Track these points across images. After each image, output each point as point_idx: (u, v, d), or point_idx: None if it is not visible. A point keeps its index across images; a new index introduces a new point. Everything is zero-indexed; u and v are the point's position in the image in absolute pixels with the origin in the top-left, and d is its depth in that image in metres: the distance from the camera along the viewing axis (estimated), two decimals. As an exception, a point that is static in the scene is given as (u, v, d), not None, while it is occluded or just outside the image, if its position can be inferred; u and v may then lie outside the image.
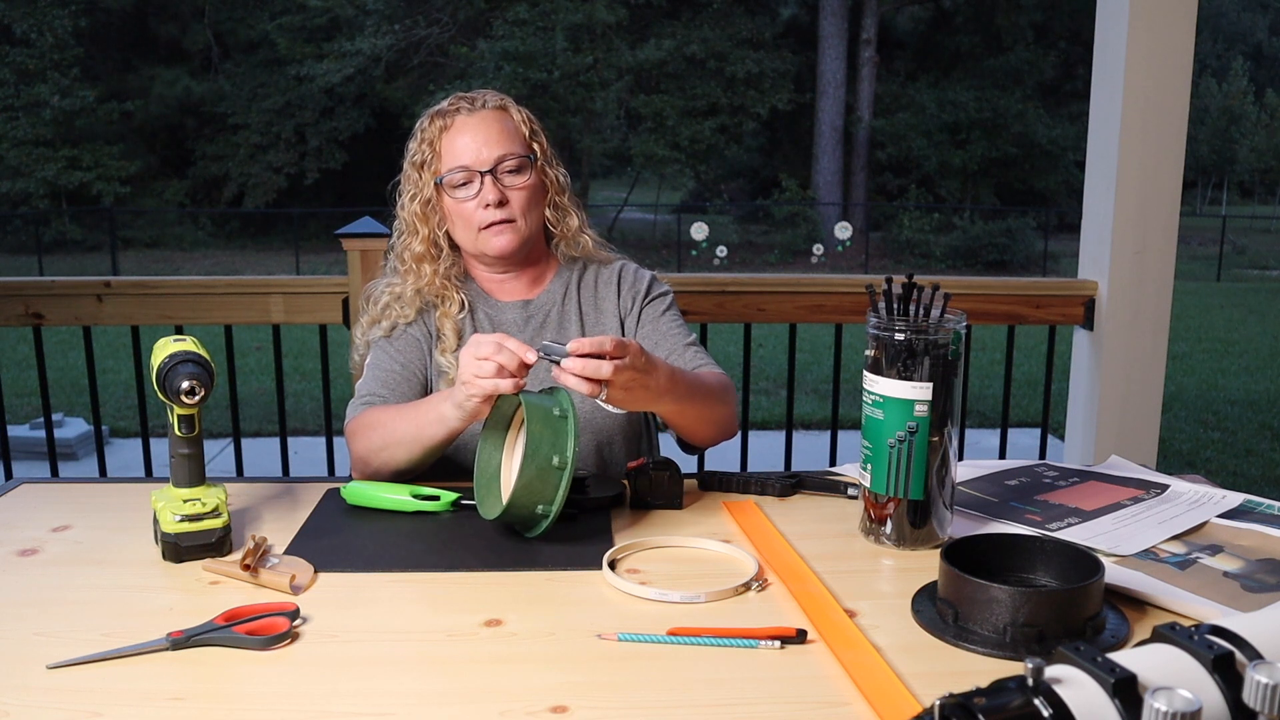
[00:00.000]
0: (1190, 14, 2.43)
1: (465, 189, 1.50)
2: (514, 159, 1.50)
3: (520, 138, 1.53)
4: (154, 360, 1.14)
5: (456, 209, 1.52)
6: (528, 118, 1.56)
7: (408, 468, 1.37)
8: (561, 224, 1.60)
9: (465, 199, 1.50)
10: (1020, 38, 19.91)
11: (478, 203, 1.50)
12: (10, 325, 2.51)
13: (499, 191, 1.49)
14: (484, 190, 1.49)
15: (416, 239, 1.55)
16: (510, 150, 1.50)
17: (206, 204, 19.59)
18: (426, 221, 1.55)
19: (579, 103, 18.25)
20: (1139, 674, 0.61)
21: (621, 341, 1.19)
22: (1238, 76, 26.29)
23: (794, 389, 2.80)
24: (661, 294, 1.64)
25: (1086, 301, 2.59)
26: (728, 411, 1.49)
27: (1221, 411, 6.64)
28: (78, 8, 17.87)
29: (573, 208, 1.61)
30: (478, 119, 1.51)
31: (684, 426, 1.46)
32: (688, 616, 0.99)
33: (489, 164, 1.49)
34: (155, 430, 3.36)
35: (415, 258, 1.56)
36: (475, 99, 1.54)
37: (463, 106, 1.52)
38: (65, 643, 0.93)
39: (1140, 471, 1.42)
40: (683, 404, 1.37)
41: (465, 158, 1.49)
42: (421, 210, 1.54)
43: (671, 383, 1.31)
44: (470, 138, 1.50)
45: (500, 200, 1.49)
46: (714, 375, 1.50)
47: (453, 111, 1.52)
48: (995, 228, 16.97)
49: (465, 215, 1.51)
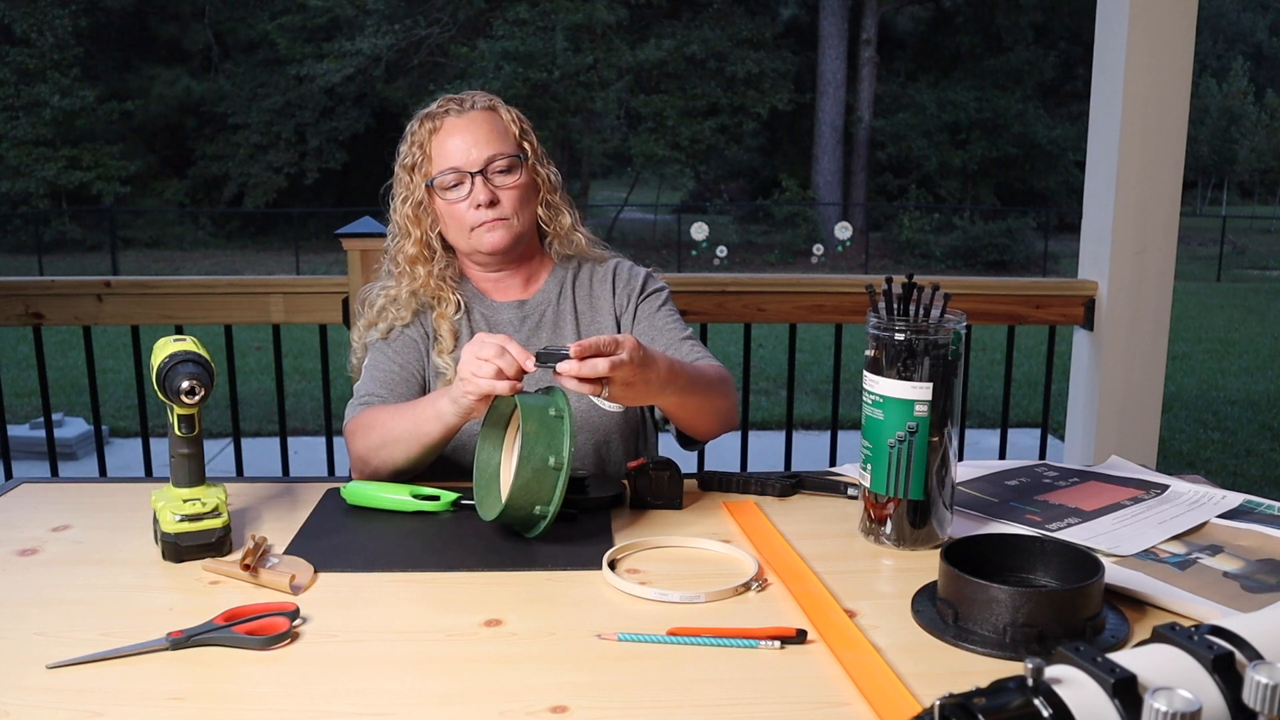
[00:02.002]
0: (1190, 14, 2.43)
1: (456, 190, 1.50)
2: (504, 159, 1.50)
3: (510, 137, 1.53)
4: (154, 360, 1.14)
5: (448, 210, 1.52)
6: (517, 117, 1.56)
7: (406, 466, 1.37)
8: (554, 222, 1.60)
9: (456, 200, 1.51)
10: (1020, 38, 19.91)
11: (469, 203, 1.50)
12: (10, 325, 2.51)
13: (490, 192, 1.49)
14: (475, 191, 1.49)
15: (409, 241, 1.56)
16: (500, 150, 1.50)
17: (206, 204, 19.58)
18: (419, 224, 1.55)
19: (579, 103, 18.26)
20: (1139, 674, 0.61)
21: (616, 338, 1.19)
22: (1238, 76, 26.27)
23: (794, 389, 2.80)
24: (657, 290, 1.64)
25: (1086, 301, 2.59)
26: (728, 403, 1.49)
27: (1221, 411, 6.64)
28: (78, 8, 17.87)
29: (565, 206, 1.61)
30: (467, 120, 1.51)
31: (685, 419, 1.46)
32: (688, 616, 0.99)
33: (479, 164, 1.49)
34: (155, 430, 3.35)
35: (409, 260, 1.56)
36: (464, 100, 1.54)
37: (451, 108, 1.52)
38: (65, 643, 0.93)
39: (1140, 472, 1.42)
40: (683, 396, 1.37)
41: (455, 159, 1.49)
42: (413, 212, 1.55)
43: (671, 374, 1.31)
44: (460, 139, 1.50)
45: (491, 200, 1.49)
46: (713, 367, 1.50)
47: (441, 114, 1.52)
48: (995, 228, 16.97)
49: (457, 216, 1.51)
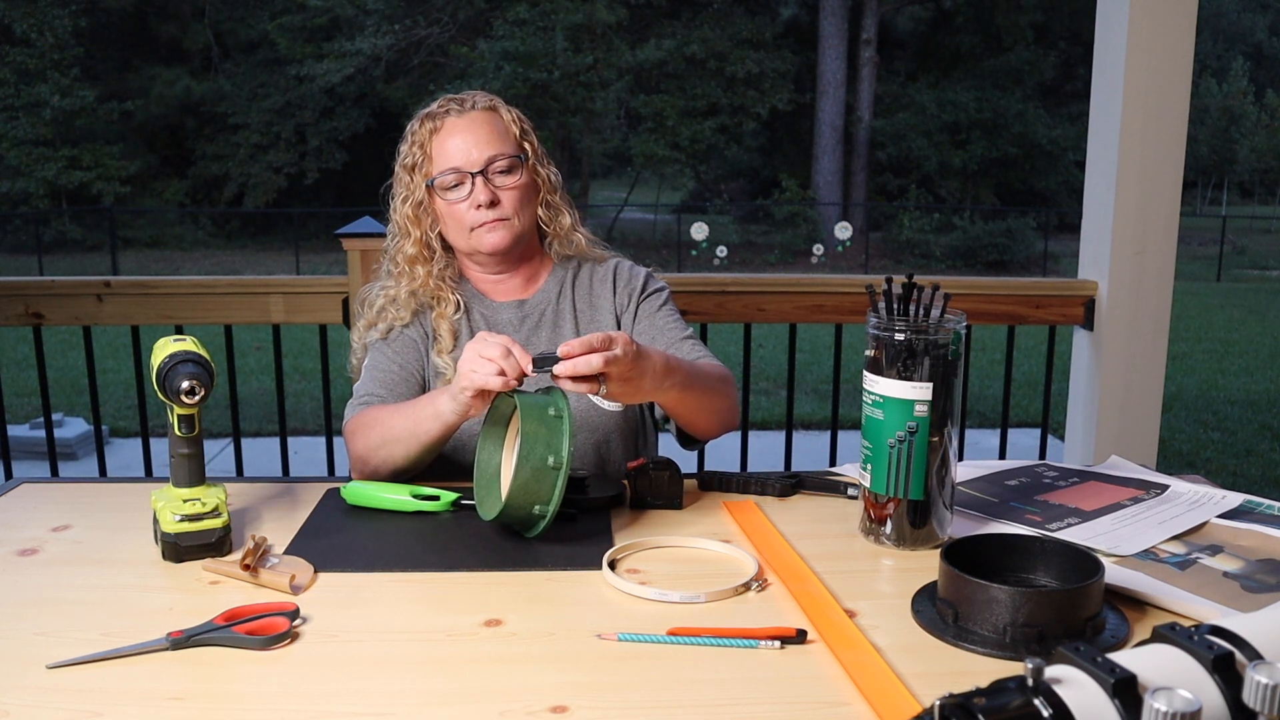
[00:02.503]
0: (1190, 14, 2.43)
1: (456, 190, 1.50)
2: (504, 159, 1.50)
3: (511, 138, 1.53)
4: (154, 360, 1.14)
5: (448, 210, 1.52)
6: (518, 117, 1.56)
7: (406, 465, 1.37)
8: (554, 222, 1.60)
9: (457, 200, 1.50)
10: (1020, 38, 19.91)
11: (469, 204, 1.50)
12: (10, 325, 2.51)
13: (490, 192, 1.49)
14: (475, 191, 1.49)
15: (409, 241, 1.56)
16: (501, 150, 1.50)
17: (206, 204, 19.58)
18: (419, 224, 1.55)
19: (579, 103, 18.26)
20: (1139, 674, 0.61)
21: (609, 335, 1.19)
22: (1238, 76, 26.26)
23: (794, 389, 2.80)
24: (657, 290, 1.64)
25: (1086, 301, 2.59)
26: (728, 402, 1.49)
27: (1221, 411, 6.64)
28: (78, 8, 17.88)
29: (565, 206, 1.61)
30: (467, 120, 1.51)
31: (685, 416, 1.46)
32: (688, 616, 0.99)
33: (479, 165, 1.49)
34: (155, 430, 3.36)
35: (408, 260, 1.56)
36: (465, 100, 1.54)
37: (452, 108, 1.52)
38: (65, 643, 0.93)
39: (1140, 472, 1.42)
40: (683, 392, 1.36)
41: (456, 159, 1.49)
42: (413, 212, 1.54)
43: (668, 369, 1.30)
44: (461, 139, 1.49)
45: (492, 200, 1.49)
46: (713, 366, 1.50)
47: (442, 114, 1.52)
48: (995, 228, 16.97)
49: (457, 217, 1.51)
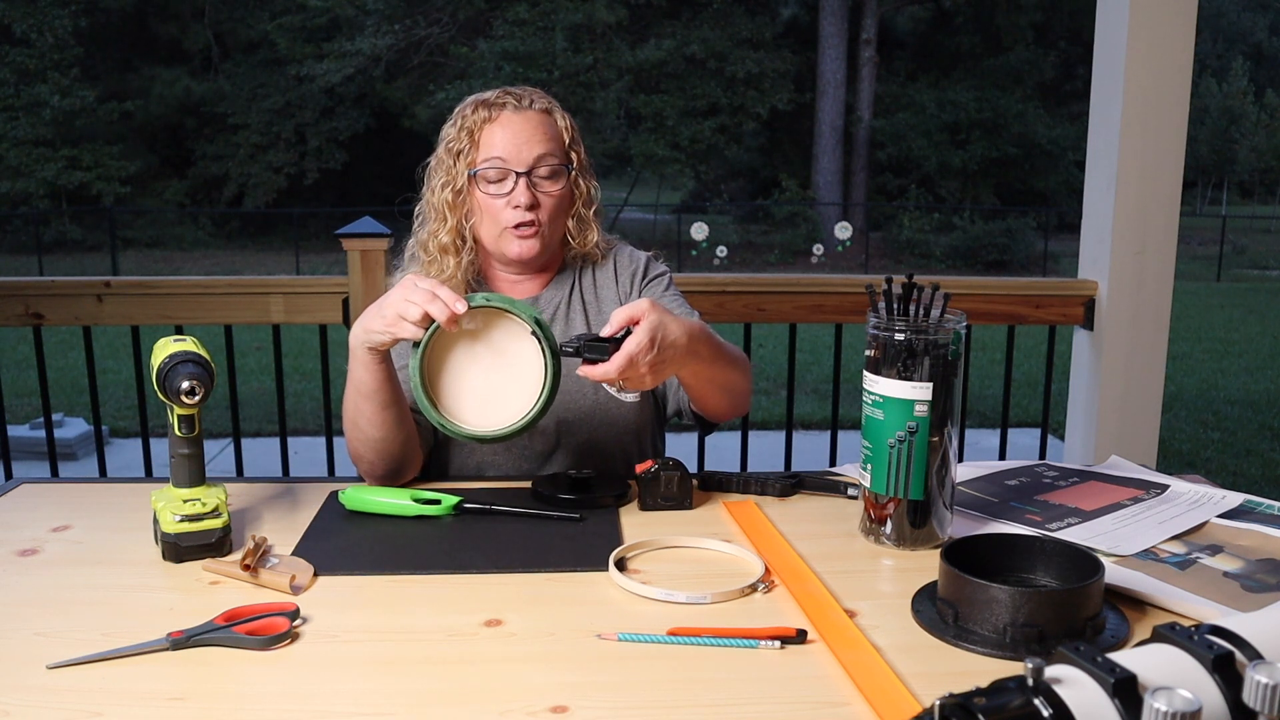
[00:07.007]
0: (1190, 14, 2.43)
1: (498, 185, 1.48)
2: (551, 163, 1.49)
3: (560, 144, 1.51)
4: (154, 360, 1.14)
5: (486, 203, 1.49)
6: (570, 125, 1.54)
7: (382, 436, 1.33)
8: (580, 237, 1.58)
9: (496, 195, 1.48)
10: (1020, 38, 19.91)
11: (508, 202, 1.47)
12: (10, 325, 2.51)
13: (531, 195, 1.47)
14: (516, 190, 1.47)
15: (444, 228, 1.52)
16: (549, 152, 1.48)
17: (206, 204, 19.58)
18: (456, 211, 1.51)
19: (579, 103, 18.22)
20: (1139, 674, 0.61)
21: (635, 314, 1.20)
22: (1238, 76, 26.26)
23: (794, 389, 2.80)
24: (660, 274, 1.63)
25: (1086, 301, 2.59)
26: (745, 383, 1.48)
27: (1221, 411, 6.64)
28: (78, 8, 17.87)
29: (595, 223, 1.59)
30: (523, 117, 1.48)
31: (701, 390, 1.43)
32: (688, 617, 0.99)
33: (527, 164, 1.47)
34: (155, 430, 3.35)
35: (441, 248, 1.53)
36: (522, 96, 1.51)
37: (509, 102, 1.49)
38: (65, 643, 0.93)
39: (1140, 471, 1.42)
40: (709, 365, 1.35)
41: (504, 153, 1.46)
42: (453, 199, 1.51)
43: (692, 341, 1.28)
44: (513, 134, 1.47)
45: (531, 204, 1.47)
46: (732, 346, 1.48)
47: (499, 105, 1.49)
48: (995, 228, 16.96)
49: (493, 212, 1.49)
